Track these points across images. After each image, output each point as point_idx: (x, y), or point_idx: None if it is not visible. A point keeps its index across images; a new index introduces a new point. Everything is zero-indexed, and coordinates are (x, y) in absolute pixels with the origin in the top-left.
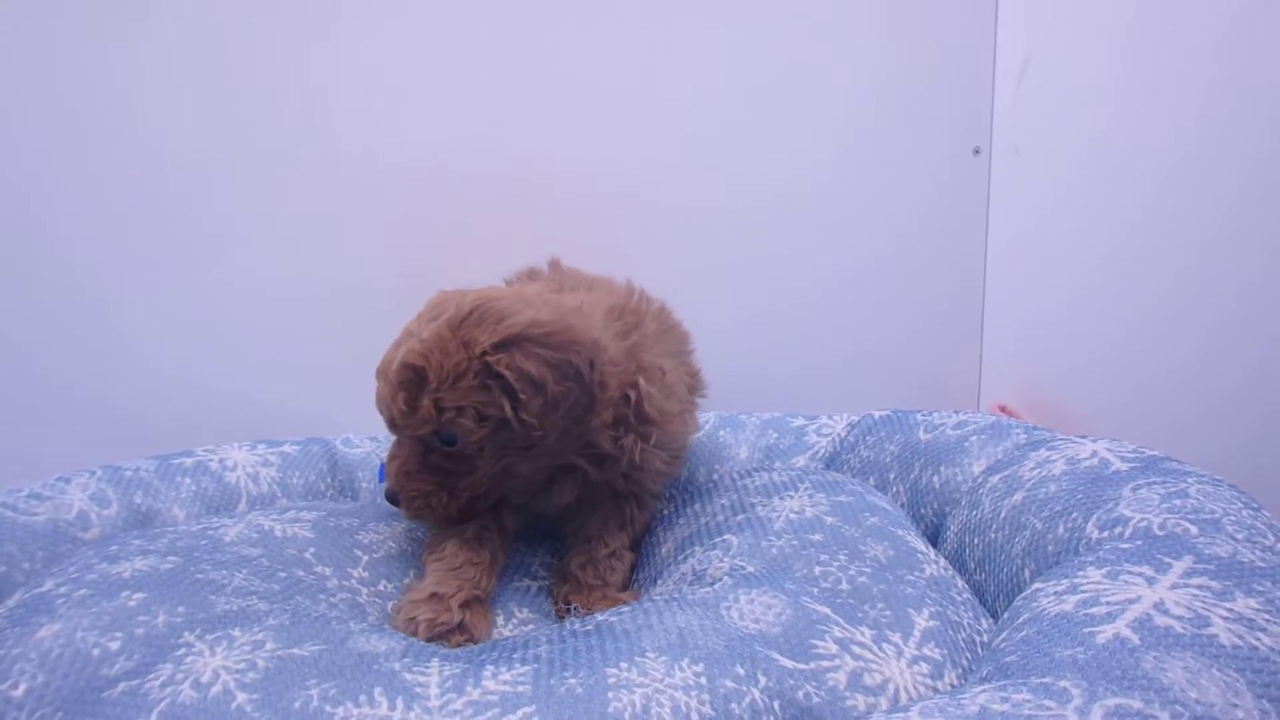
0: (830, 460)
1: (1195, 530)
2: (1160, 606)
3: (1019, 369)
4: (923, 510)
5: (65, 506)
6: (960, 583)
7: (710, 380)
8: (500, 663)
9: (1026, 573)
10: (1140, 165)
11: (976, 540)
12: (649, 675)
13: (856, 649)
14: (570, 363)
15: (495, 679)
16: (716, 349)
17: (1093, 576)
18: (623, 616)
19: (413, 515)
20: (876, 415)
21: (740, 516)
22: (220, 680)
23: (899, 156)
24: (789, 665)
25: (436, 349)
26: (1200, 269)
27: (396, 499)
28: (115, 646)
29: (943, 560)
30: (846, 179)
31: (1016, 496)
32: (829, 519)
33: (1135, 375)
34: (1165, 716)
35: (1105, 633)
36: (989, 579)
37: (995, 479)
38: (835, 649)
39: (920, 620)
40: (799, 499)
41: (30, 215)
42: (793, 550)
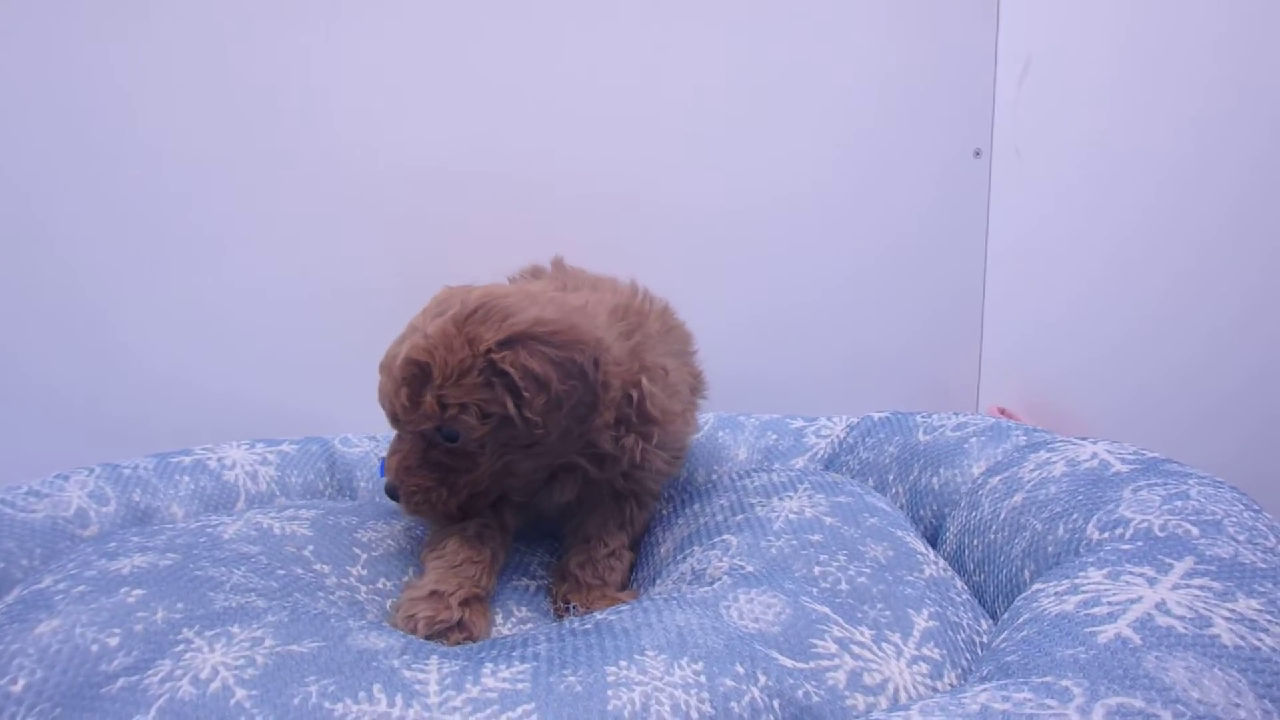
0: (829, 462)
1: (1196, 531)
2: (1162, 607)
3: (1019, 370)
4: (922, 511)
5: (64, 504)
6: (960, 583)
7: (710, 380)
8: (499, 660)
9: (1026, 574)
10: (1140, 166)
11: (976, 541)
12: (648, 673)
13: (856, 648)
14: (574, 361)
15: (495, 676)
16: (716, 349)
17: (1094, 577)
18: (622, 615)
19: (412, 510)
20: (876, 417)
21: (739, 517)
22: (219, 676)
23: (899, 157)
24: (789, 664)
25: (441, 345)
26: (1200, 270)
27: (396, 494)
28: (114, 642)
29: (942, 561)
30: (846, 179)
31: (1016, 498)
32: (828, 519)
33: (1135, 377)
34: (1167, 716)
35: (1107, 632)
36: (988, 580)
37: (995, 480)
38: (835, 648)
39: (920, 620)
40: (798, 499)
41: (30, 215)
42: (792, 550)
